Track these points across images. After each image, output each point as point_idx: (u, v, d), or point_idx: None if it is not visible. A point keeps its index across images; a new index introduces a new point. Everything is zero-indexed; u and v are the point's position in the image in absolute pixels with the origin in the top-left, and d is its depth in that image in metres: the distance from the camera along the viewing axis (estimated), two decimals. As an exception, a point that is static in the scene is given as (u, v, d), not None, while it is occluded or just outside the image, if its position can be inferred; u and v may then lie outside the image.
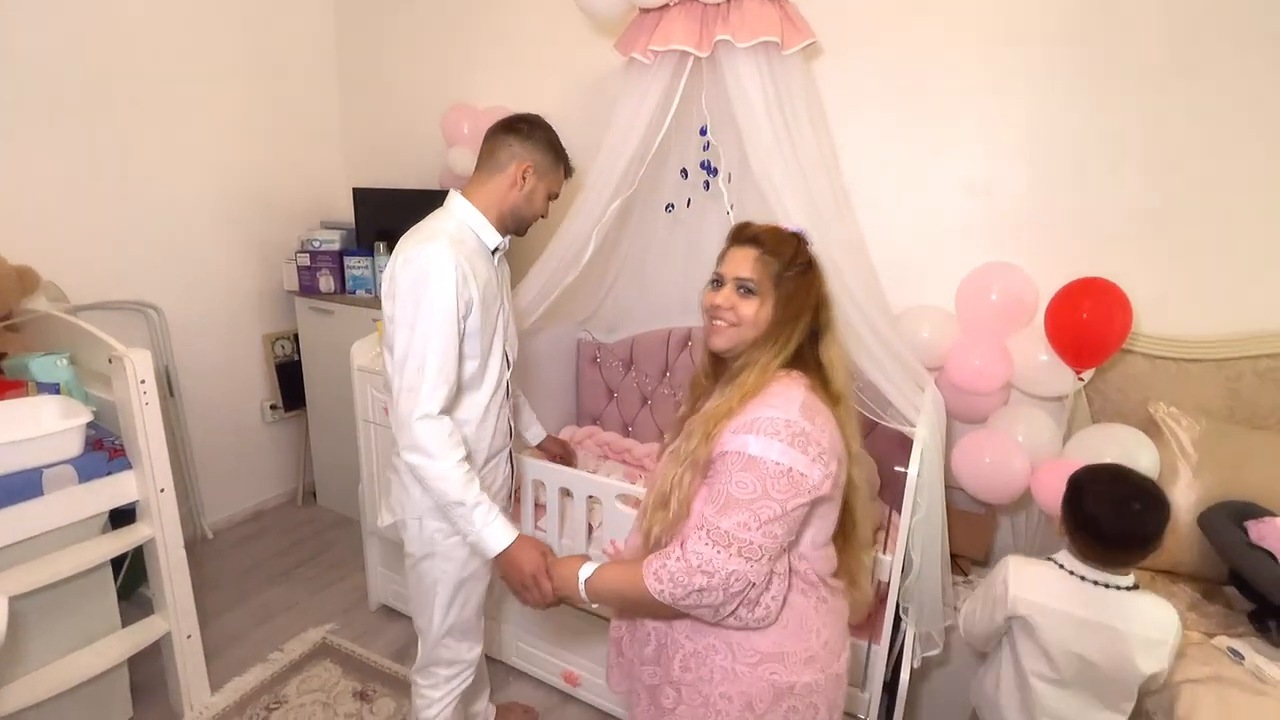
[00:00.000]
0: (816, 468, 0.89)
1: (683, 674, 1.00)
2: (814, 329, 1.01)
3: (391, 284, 1.22)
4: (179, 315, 2.57)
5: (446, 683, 1.48)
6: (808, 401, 0.93)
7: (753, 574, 0.88)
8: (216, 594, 2.42)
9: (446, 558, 1.36)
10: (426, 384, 1.18)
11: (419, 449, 1.18)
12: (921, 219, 1.93)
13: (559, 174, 1.38)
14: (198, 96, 2.53)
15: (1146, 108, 1.66)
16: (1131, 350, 1.71)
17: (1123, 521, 1.13)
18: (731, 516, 0.88)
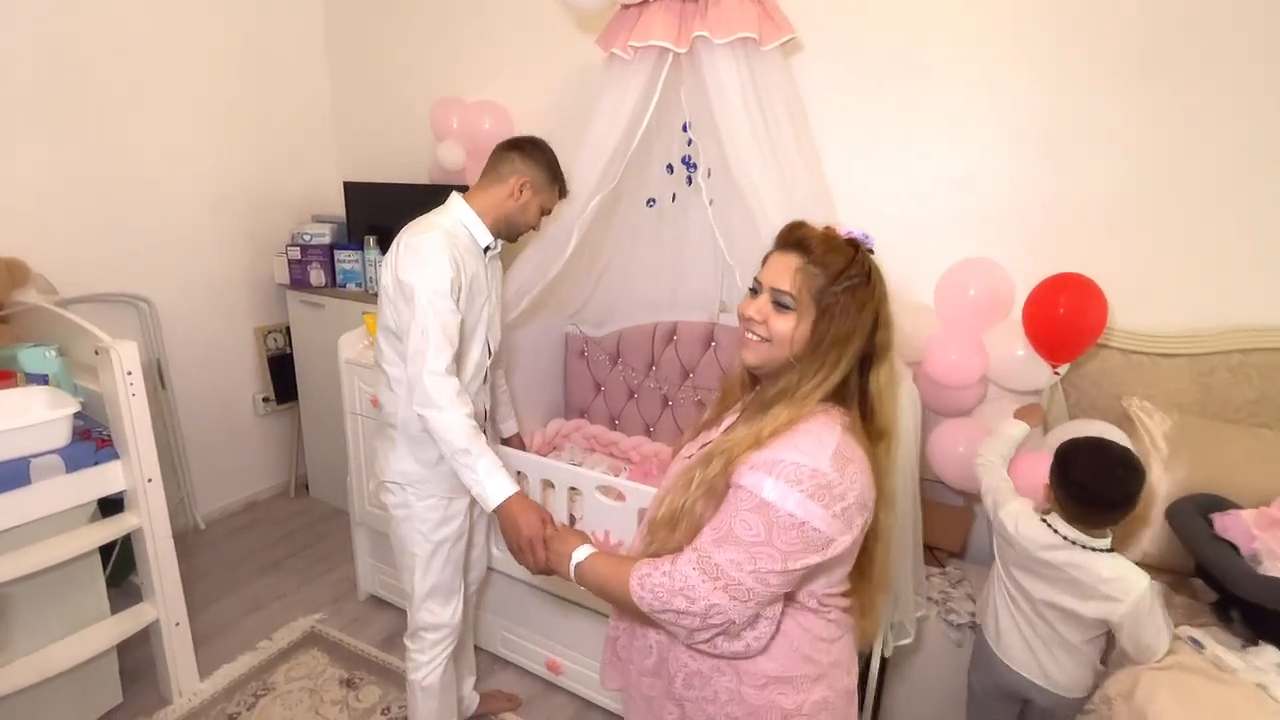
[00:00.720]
0: (837, 525, 0.82)
1: (685, 690, 0.96)
2: (866, 354, 0.90)
3: (394, 268, 1.36)
4: (170, 308, 2.59)
5: (433, 646, 1.56)
6: (842, 448, 0.83)
7: (734, 613, 0.83)
8: (207, 583, 2.45)
9: (422, 519, 1.48)
10: (431, 346, 1.30)
11: (429, 403, 1.29)
12: (902, 214, 1.95)
13: (554, 192, 1.53)
14: (189, 90, 2.55)
15: (1121, 105, 1.67)
16: (1107, 345, 1.73)
17: (1106, 485, 1.22)
18: (727, 552, 0.83)
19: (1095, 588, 1.22)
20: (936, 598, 1.74)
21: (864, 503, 0.85)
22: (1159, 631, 1.23)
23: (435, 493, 1.48)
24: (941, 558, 1.89)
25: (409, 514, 1.49)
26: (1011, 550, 1.37)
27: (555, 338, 2.58)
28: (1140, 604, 1.20)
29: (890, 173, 1.94)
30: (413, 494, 1.48)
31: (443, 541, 1.51)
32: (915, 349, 1.84)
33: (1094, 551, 1.23)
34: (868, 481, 0.86)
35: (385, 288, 1.40)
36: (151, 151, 2.48)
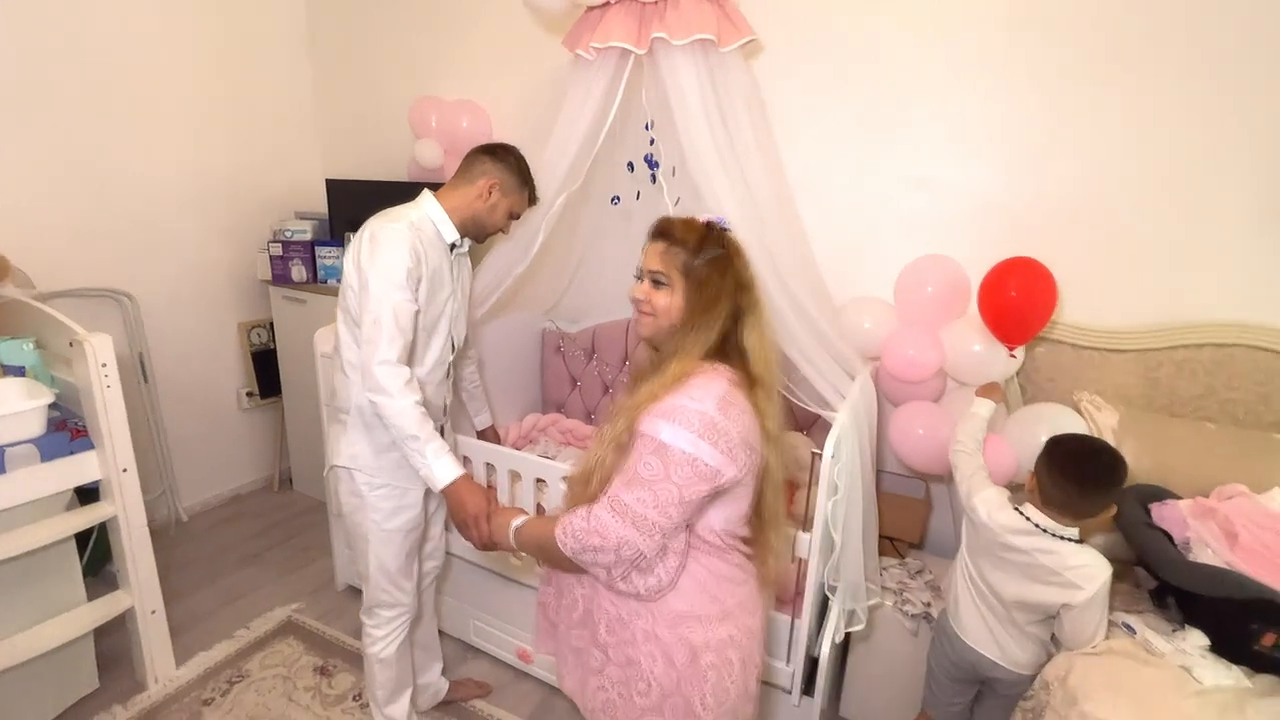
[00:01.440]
0: (723, 459, 0.95)
1: (608, 636, 1.06)
2: (737, 315, 1.04)
3: (355, 255, 1.39)
4: (153, 303, 2.63)
5: (389, 622, 1.61)
6: (727, 395, 0.97)
7: (643, 544, 0.95)
8: (188, 574, 2.49)
9: (375, 508, 1.51)
10: (384, 336, 1.33)
11: (380, 389, 1.32)
12: (862, 212, 1.99)
13: (523, 197, 1.56)
14: (172, 86, 2.59)
15: (1072, 108, 1.71)
16: (1059, 340, 1.77)
17: (1093, 466, 1.29)
18: (633, 492, 0.95)
19: (1060, 574, 1.27)
20: (894, 588, 1.78)
21: (747, 440, 0.98)
22: (1102, 620, 1.28)
23: (389, 481, 1.52)
24: (901, 549, 1.93)
25: (361, 503, 1.52)
26: (977, 536, 1.42)
27: (532, 334, 2.62)
28: (1100, 592, 1.25)
29: (850, 173, 1.98)
30: (363, 482, 1.51)
31: (395, 530, 1.54)
32: (874, 345, 1.88)
33: (1063, 540, 1.28)
34: (750, 424, 0.99)
35: (347, 274, 1.43)
36: (134, 147, 2.52)
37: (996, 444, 1.63)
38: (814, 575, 1.45)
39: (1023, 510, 1.34)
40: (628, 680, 1.05)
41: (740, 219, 1.62)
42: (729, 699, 1.05)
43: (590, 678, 1.11)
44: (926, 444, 1.72)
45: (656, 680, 1.03)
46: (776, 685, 1.56)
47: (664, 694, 1.03)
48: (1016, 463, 1.58)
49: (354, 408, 1.50)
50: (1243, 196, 1.59)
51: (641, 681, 1.04)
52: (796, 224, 1.89)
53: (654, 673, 1.03)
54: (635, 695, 1.04)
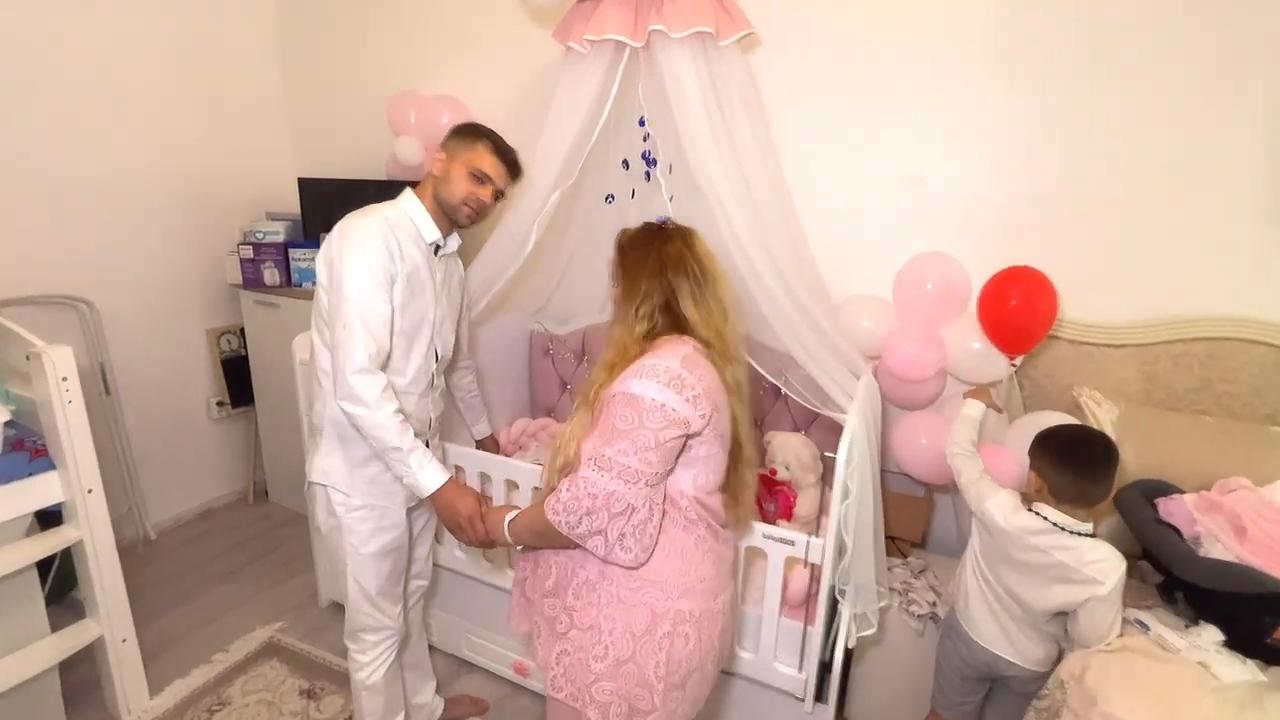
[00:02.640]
0: (689, 407, 1.01)
1: (575, 600, 1.10)
2: (668, 291, 1.13)
3: (326, 252, 1.32)
4: (114, 310, 2.48)
5: (374, 647, 1.53)
6: (690, 356, 1.06)
7: (629, 494, 0.99)
8: (159, 595, 2.36)
9: (352, 530, 1.43)
10: (356, 340, 1.25)
11: (356, 399, 1.25)
12: (860, 209, 1.97)
13: (476, 149, 1.41)
14: (132, 80, 2.45)
15: (1069, 102, 1.71)
16: (1057, 336, 1.77)
17: (1096, 449, 1.29)
18: (613, 445, 1.00)
19: (1080, 570, 1.25)
20: (899, 588, 1.77)
21: (710, 396, 1.05)
22: (1118, 615, 1.27)
23: (365, 501, 1.42)
24: (903, 548, 1.92)
25: (337, 524, 1.43)
26: (992, 541, 1.39)
27: (519, 336, 2.55)
28: (1118, 586, 1.24)
29: (847, 170, 1.96)
30: (339, 503, 1.41)
31: (375, 554, 1.45)
32: (873, 344, 1.87)
33: (1080, 535, 1.28)
34: (714, 382, 1.07)
35: (319, 274, 1.35)
36: (92, 145, 2.37)
37: (1000, 455, 1.62)
38: (827, 580, 1.42)
39: (1039, 510, 1.32)
40: (587, 646, 1.08)
41: (739, 215, 1.58)
42: (680, 672, 1.08)
43: (555, 643, 1.13)
44: (930, 454, 1.71)
45: (614, 645, 1.06)
46: (788, 693, 1.53)
47: (618, 660, 1.06)
48: (1022, 471, 1.57)
49: (328, 419, 1.41)
50: (1236, 190, 1.61)
51: (599, 646, 1.06)
52: (794, 220, 1.85)
53: (612, 636, 1.06)
54: (592, 660, 1.07)
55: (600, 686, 1.07)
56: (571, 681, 1.10)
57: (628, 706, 1.07)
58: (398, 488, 1.46)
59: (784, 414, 2.16)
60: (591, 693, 1.07)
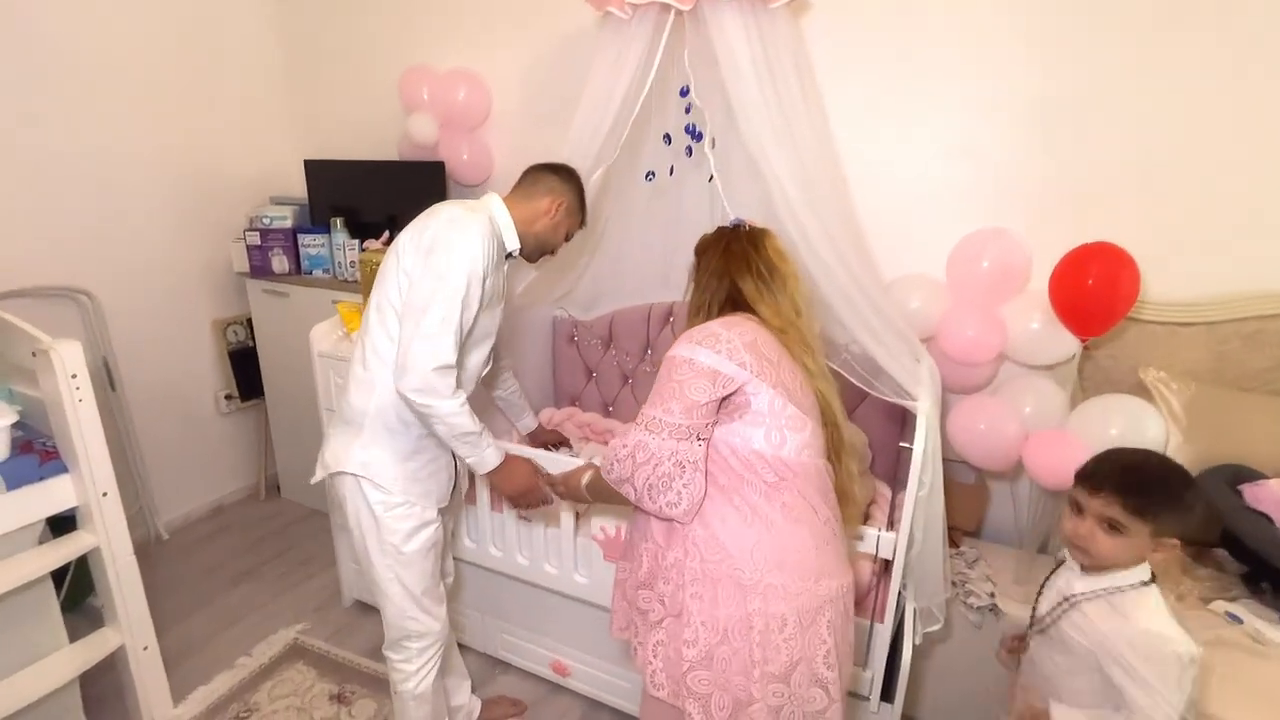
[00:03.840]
0: (718, 357, 1.02)
1: (664, 586, 1.07)
2: (733, 280, 1.16)
3: (423, 236, 1.27)
4: (116, 301, 2.36)
5: (421, 654, 1.46)
6: (735, 320, 1.09)
7: (654, 445, 1.00)
8: (176, 598, 2.27)
9: (392, 530, 1.36)
10: (448, 336, 1.23)
11: (434, 393, 1.23)
12: (910, 183, 1.87)
13: (578, 220, 1.54)
14: (125, 60, 2.30)
15: (1132, 63, 1.61)
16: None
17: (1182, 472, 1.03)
18: (649, 404, 1.05)
19: None
20: (955, 579, 1.70)
21: (755, 349, 1.05)
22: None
23: (405, 499, 1.36)
24: (957, 538, 1.85)
25: (375, 524, 1.36)
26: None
27: (543, 323, 2.44)
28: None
29: (899, 140, 1.85)
30: (377, 501, 1.34)
31: (418, 551, 1.39)
32: (925, 325, 1.78)
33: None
34: (757, 338, 1.07)
35: (401, 256, 1.29)
36: (90, 131, 2.24)
37: (1063, 441, 1.54)
38: (898, 577, 1.35)
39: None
40: (678, 632, 1.05)
41: (794, 188, 1.48)
42: (779, 660, 1.01)
43: (651, 635, 1.10)
44: (990, 440, 1.63)
45: (704, 627, 1.02)
46: (853, 692, 1.46)
47: (710, 646, 1.02)
48: (1085, 452, 1.50)
49: (374, 408, 1.33)
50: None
51: (690, 629, 1.03)
52: (846, 195, 1.76)
53: (701, 618, 1.02)
54: (684, 647, 1.03)
55: (696, 676, 1.02)
56: (671, 677, 1.05)
57: (730, 700, 1.01)
58: (434, 485, 1.43)
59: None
60: (688, 684, 1.03)
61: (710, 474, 1.05)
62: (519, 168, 1.51)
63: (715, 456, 1.06)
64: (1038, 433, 1.62)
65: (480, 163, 2.41)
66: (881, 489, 1.88)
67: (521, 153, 2.36)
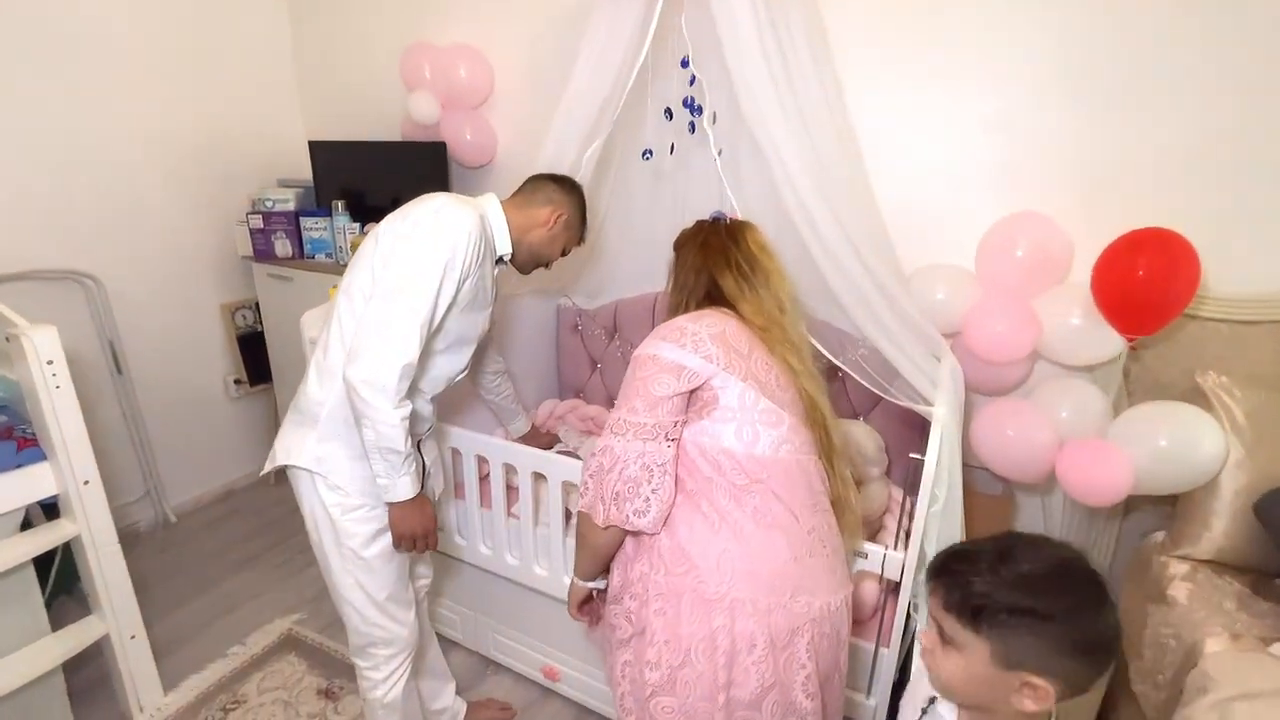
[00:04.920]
0: (682, 351, 0.97)
1: (631, 601, 1.01)
2: (711, 276, 1.11)
3: (405, 222, 1.20)
4: (122, 285, 2.35)
5: (388, 661, 1.39)
6: (705, 313, 1.04)
7: (619, 449, 0.94)
8: (178, 582, 2.27)
9: (349, 533, 1.27)
10: (417, 333, 1.14)
11: (384, 391, 1.13)
12: (936, 164, 1.69)
13: (577, 235, 1.46)
14: (134, 43, 2.27)
15: (1187, 29, 1.40)
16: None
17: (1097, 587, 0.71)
18: (615, 406, 0.99)
19: None
20: (976, 598, 1.55)
21: (724, 340, 0.99)
22: None
23: (363, 500, 1.27)
24: (979, 552, 1.70)
25: (331, 528, 1.27)
26: None
27: (545, 312, 2.35)
28: None
29: (922, 115, 1.68)
30: (334, 503, 1.25)
31: (380, 554, 1.30)
32: (950, 320, 1.62)
33: None
34: (725, 330, 1.01)
35: (380, 240, 1.21)
36: (92, 111, 2.21)
37: (1103, 452, 1.37)
38: (905, 598, 1.22)
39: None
40: (642, 652, 0.97)
41: (801, 169, 1.34)
42: (749, 686, 0.91)
43: (619, 654, 1.03)
44: (1018, 448, 1.47)
45: (666, 647, 0.94)
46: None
47: (673, 668, 0.94)
48: (1135, 474, 1.33)
49: (334, 398, 1.24)
50: None
51: (652, 650, 0.95)
52: (862, 177, 1.60)
53: (664, 635, 0.95)
54: (646, 669, 0.96)
55: (659, 704, 0.95)
56: (637, 701, 0.98)
57: None
58: None
59: (841, 397, 1.93)
60: (650, 710, 0.95)
61: (678, 479, 0.97)
62: (524, 149, 1.43)
63: (683, 459, 0.98)
64: (1074, 442, 1.45)
65: (484, 143, 2.32)
66: (897, 495, 1.73)
67: (526, 133, 2.28)
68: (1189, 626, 1.27)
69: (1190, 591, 1.35)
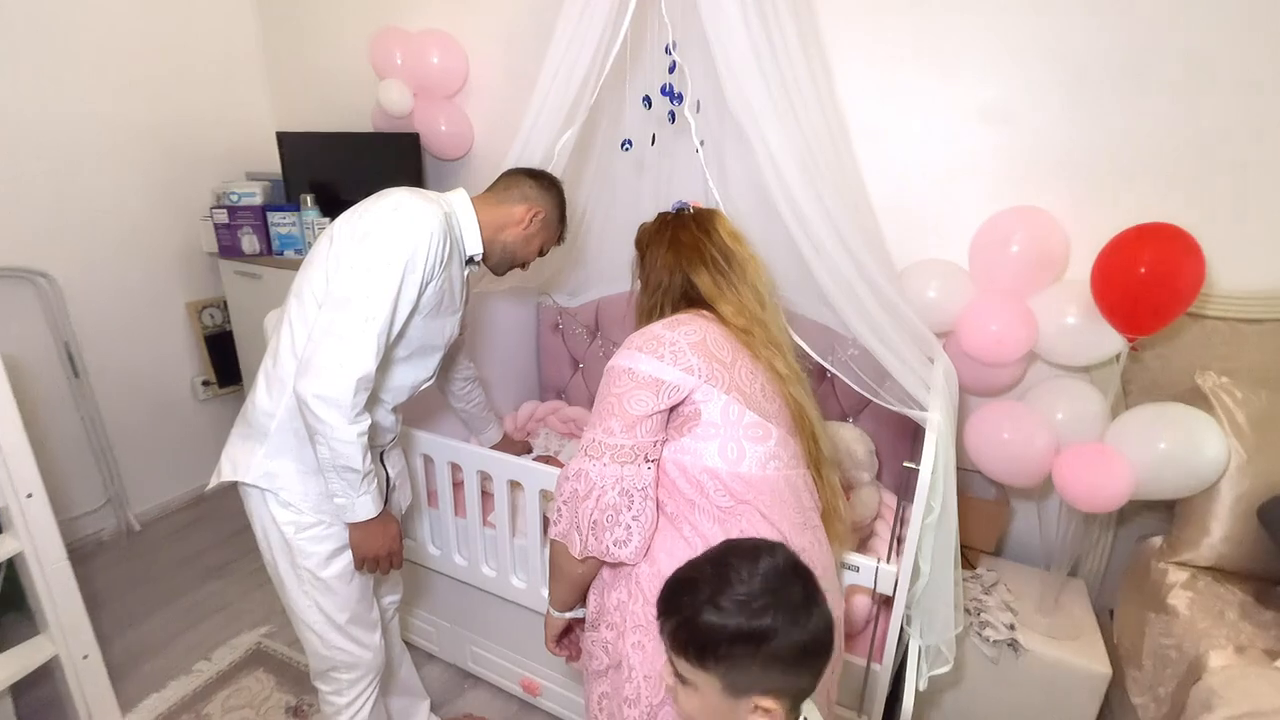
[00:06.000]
0: (660, 364, 0.90)
1: (608, 631, 0.95)
2: (683, 274, 1.04)
3: (362, 220, 1.11)
4: (78, 283, 2.24)
5: (352, 686, 1.31)
6: (680, 318, 0.98)
7: (595, 473, 0.88)
8: (140, 594, 2.18)
9: (305, 553, 1.19)
10: (369, 341, 1.06)
11: (337, 405, 1.05)
12: (929, 155, 1.63)
13: (555, 234, 1.40)
14: (89, 26, 2.15)
15: (1187, 19, 1.35)
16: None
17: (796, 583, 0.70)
18: (589, 424, 0.93)
19: None
20: (970, 607, 1.50)
21: (705, 349, 0.93)
22: None
23: (318, 518, 1.18)
24: (973, 558, 1.65)
25: (286, 546, 1.19)
26: None
27: (524, 311, 2.27)
28: None
29: (913, 104, 1.61)
30: (286, 521, 1.17)
31: (340, 575, 1.22)
32: (943, 318, 1.56)
33: None
34: (706, 337, 0.95)
35: (335, 239, 1.12)
36: (46, 99, 2.09)
37: (1102, 456, 1.32)
38: (899, 613, 1.16)
39: None
40: (619, 687, 0.91)
41: (790, 160, 1.27)
42: None
43: (596, 685, 0.98)
44: (1014, 452, 1.41)
45: (645, 680, 0.87)
46: (845, 742, 1.29)
47: (652, 704, 0.87)
48: (1135, 479, 1.28)
49: (284, 410, 1.16)
50: None
51: (630, 685, 0.89)
52: (852, 168, 1.53)
53: (642, 670, 0.88)
54: (625, 706, 0.90)
55: None
56: None
57: None
58: None
59: (829, 399, 1.87)
60: None
61: (658, 501, 0.90)
62: (502, 141, 1.35)
63: (663, 480, 0.91)
64: (1072, 446, 1.40)
65: (460, 133, 2.22)
66: (889, 500, 1.68)
67: (504, 124, 2.19)
68: (1191, 638, 1.22)
69: (1191, 600, 1.30)
